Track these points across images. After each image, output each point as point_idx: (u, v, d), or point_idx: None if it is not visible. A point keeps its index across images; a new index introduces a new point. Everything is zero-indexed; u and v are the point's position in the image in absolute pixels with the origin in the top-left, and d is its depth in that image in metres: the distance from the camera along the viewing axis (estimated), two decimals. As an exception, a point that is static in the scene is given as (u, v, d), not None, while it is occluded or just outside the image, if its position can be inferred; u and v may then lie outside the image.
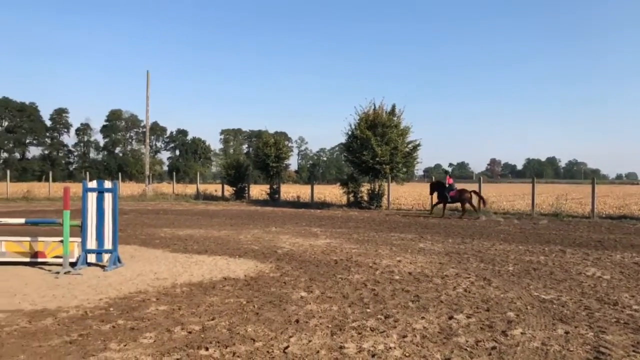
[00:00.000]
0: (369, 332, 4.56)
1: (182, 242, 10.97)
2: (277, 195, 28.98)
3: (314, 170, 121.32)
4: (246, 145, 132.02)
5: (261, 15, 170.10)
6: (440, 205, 19.63)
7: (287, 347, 4.10)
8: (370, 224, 15.79)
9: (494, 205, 22.09)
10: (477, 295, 6.07)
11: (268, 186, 29.82)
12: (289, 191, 35.48)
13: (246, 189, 30.91)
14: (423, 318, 5.02)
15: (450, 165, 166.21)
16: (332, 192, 31.29)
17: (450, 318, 5.03)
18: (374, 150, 22.26)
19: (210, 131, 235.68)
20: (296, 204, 27.28)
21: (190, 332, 4.47)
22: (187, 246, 10.27)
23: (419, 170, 28.16)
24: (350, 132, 24.07)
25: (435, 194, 20.01)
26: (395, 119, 23.43)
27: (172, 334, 4.43)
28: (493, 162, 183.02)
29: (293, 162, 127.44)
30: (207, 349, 4.05)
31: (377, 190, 23.49)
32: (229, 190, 31.53)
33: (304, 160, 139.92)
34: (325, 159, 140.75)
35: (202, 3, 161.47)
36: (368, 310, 5.31)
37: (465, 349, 4.11)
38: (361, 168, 23.34)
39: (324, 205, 25.57)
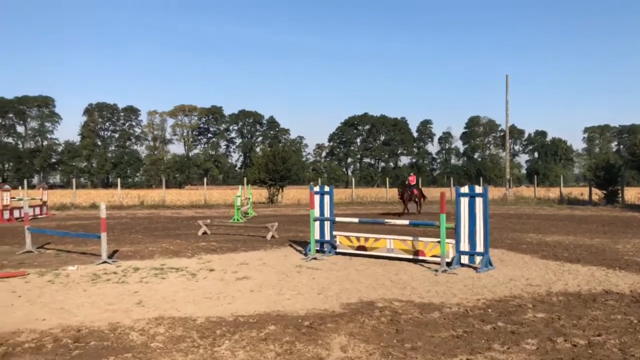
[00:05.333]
0: None
1: (550, 248, 10.52)
2: (662, 200, 24.64)
3: None
4: (615, 143, 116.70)
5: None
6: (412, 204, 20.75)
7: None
8: None
9: None
10: None
11: (649, 189, 25.65)
12: (678, 194, 29.69)
13: (619, 192, 27.33)
14: None
15: None
16: None
17: None
18: None
19: (571, 130, 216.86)
20: (690, 209, 22.58)
21: (575, 345, 4.27)
22: (556, 253, 9.79)
23: None
24: None
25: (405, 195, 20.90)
26: None
27: (555, 344, 4.32)
28: None
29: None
30: (596, 366, 3.80)
31: None
32: (597, 193, 28.50)
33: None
34: None
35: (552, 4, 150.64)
36: None
37: None
38: None
39: None
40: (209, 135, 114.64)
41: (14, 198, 19.55)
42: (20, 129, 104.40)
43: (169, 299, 6.10)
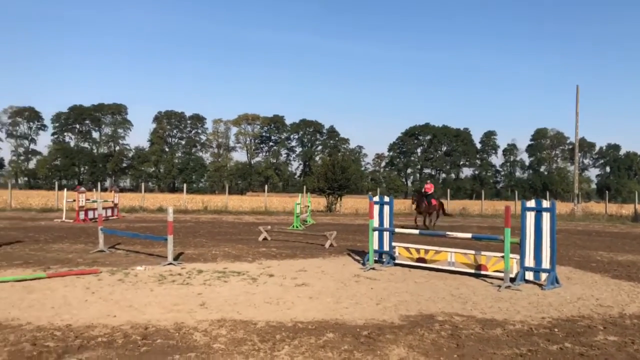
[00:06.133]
0: None
1: (623, 268, 9.97)
2: None
3: None
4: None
5: None
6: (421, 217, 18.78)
7: None
8: None
9: None
10: None
11: None
12: None
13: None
14: None
15: None
16: None
17: None
18: None
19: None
20: None
21: (649, 372, 4.04)
22: (630, 273, 9.28)
23: None
24: None
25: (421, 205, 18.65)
26: None
27: (628, 369, 4.10)
28: None
29: None
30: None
31: None
32: (677, 211, 26.72)
33: None
34: None
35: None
36: None
37: None
38: None
39: None
40: (271, 143, 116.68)
41: (88, 200, 20.69)
42: (95, 134, 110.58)
43: (230, 301, 6.27)
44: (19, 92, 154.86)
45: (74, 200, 20.00)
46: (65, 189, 23.10)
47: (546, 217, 7.75)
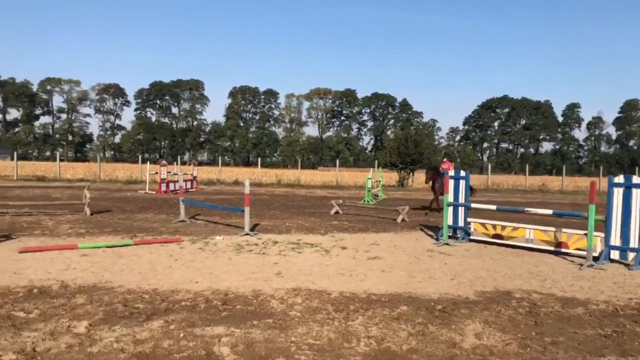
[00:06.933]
0: None
1: None
2: None
3: None
4: None
5: None
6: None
7: None
8: None
9: None
10: None
11: None
12: None
13: None
14: None
15: None
16: None
17: None
18: None
19: None
20: None
21: None
22: None
23: None
24: None
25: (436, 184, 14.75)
26: None
27: None
28: None
29: None
30: None
31: None
32: None
33: None
34: None
35: None
36: None
37: None
38: None
39: None
40: (342, 117, 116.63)
41: (169, 172, 21.71)
42: (174, 110, 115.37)
43: (305, 272, 6.43)
44: (105, 69, 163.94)
45: (156, 173, 21.05)
46: (148, 162, 24.33)
47: (636, 193, 7.29)
